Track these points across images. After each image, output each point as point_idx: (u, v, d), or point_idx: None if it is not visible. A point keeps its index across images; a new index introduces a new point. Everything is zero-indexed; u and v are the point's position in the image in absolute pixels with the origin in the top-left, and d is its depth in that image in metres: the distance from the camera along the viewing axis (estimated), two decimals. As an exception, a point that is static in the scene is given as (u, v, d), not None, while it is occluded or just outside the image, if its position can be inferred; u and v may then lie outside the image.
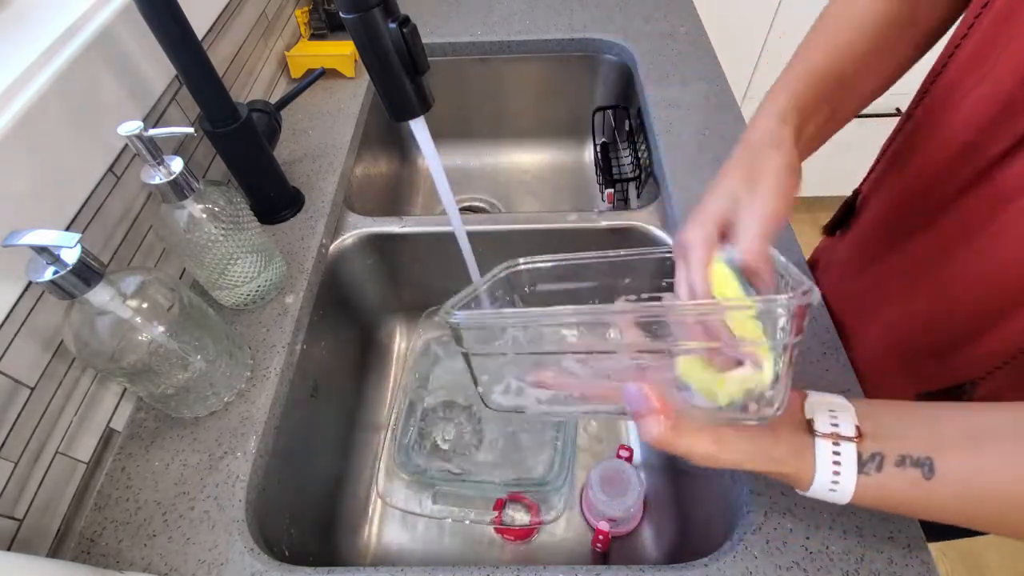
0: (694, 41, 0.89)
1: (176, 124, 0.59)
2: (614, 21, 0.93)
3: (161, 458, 0.49)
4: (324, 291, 0.65)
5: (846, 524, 0.43)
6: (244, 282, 0.56)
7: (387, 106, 0.39)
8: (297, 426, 0.56)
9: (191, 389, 0.48)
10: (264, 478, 0.50)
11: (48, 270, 0.37)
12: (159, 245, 0.58)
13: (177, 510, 0.46)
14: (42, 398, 0.44)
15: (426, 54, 0.37)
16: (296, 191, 0.69)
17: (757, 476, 0.46)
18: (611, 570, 0.43)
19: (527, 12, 0.96)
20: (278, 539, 0.50)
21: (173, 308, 0.45)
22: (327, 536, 0.60)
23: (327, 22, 0.91)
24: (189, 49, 0.52)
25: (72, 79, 0.47)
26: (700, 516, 0.55)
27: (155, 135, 0.45)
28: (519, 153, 1.05)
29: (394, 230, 0.70)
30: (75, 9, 0.50)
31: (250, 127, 0.59)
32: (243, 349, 0.54)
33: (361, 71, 0.88)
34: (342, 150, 0.76)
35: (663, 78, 0.82)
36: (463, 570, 0.43)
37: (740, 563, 0.42)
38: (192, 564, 0.44)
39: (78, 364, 0.47)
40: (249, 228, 0.54)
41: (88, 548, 0.45)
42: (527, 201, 0.99)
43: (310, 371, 0.60)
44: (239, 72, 0.73)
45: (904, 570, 0.41)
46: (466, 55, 0.93)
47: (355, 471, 0.67)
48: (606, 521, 0.58)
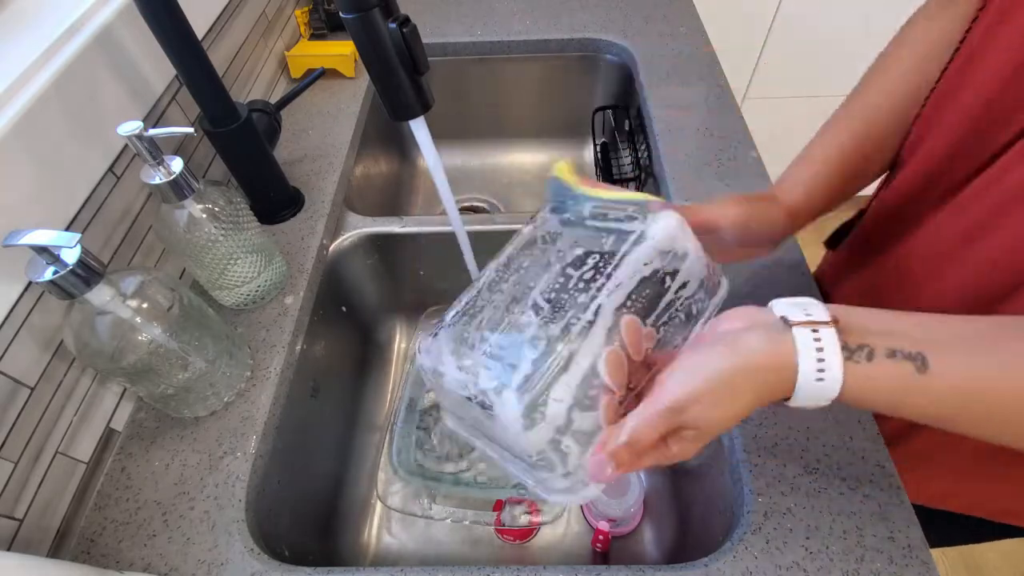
0: (694, 41, 0.89)
1: (176, 124, 0.59)
2: (614, 21, 0.93)
3: (161, 458, 0.49)
4: (324, 291, 0.64)
5: (846, 524, 0.43)
6: (244, 282, 0.56)
7: (387, 106, 0.39)
8: (297, 426, 0.56)
9: (191, 389, 0.48)
10: (264, 478, 0.50)
11: (48, 270, 0.37)
12: (159, 245, 0.58)
13: (177, 510, 0.46)
14: (42, 398, 0.44)
15: (426, 54, 0.37)
16: (296, 191, 0.69)
17: (757, 476, 0.46)
18: (611, 570, 0.43)
19: (527, 12, 0.96)
20: (278, 539, 0.50)
21: (173, 308, 0.45)
22: (327, 536, 0.60)
23: (327, 22, 0.91)
24: (189, 49, 0.52)
25: (72, 79, 0.47)
26: (700, 516, 0.55)
27: (155, 135, 0.45)
28: (519, 153, 1.05)
29: (394, 230, 0.70)
30: (75, 9, 0.50)
31: (250, 127, 0.59)
32: (243, 349, 0.54)
33: (361, 71, 0.88)
34: (342, 150, 0.76)
35: (663, 78, 0.82)
36: (463, 570, 0.43)
37: (740, 563, 0.42)
38: (192, 564, 0.44)
39: (78, 364, 0.47)
40: (249, 228, 0.54)
41: (88, 548, 0.45)
42: (527, 201, 0.99)
43: (310, 371, 0.60)
44: (239, 72, 0.73)
45: (904, 570, 0.41)
46: (466, 55, 0.93)
47: (355, 471, 0.67)
48: (606, 521, 0.58)
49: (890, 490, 0.45)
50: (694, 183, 0.67)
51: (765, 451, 0.47)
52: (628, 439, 0.30)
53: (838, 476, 0.45)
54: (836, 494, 0.45)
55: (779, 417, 0.49)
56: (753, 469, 0.46)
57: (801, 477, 0.46)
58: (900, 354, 0.29)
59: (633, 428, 0.30)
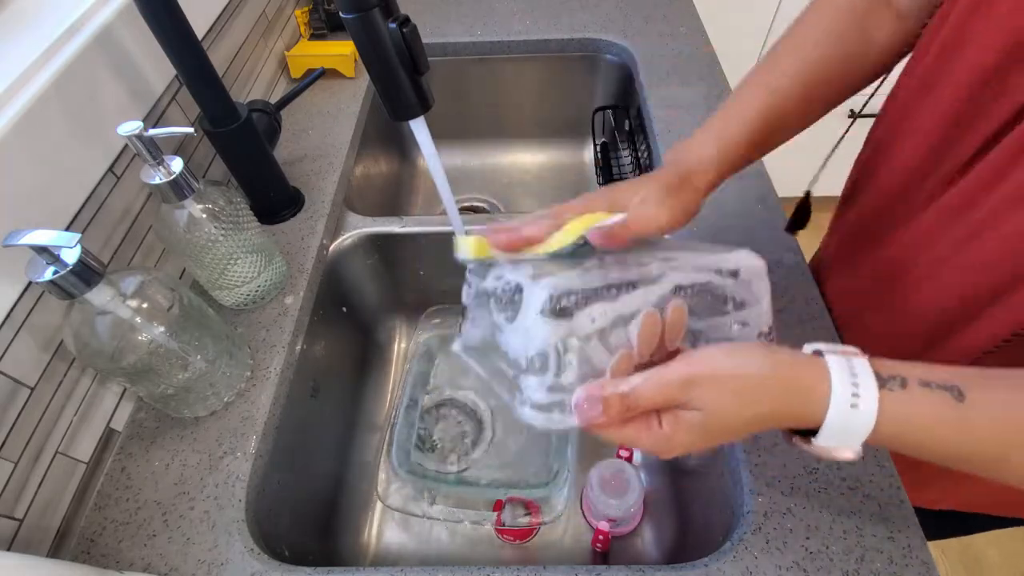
0: (694, 41, 0.89)
1: (176, 124, 0.59)
2: (614, 21, 0.93)
3: (161, 458, 0.49)
4: (324, 291, 0.65)
5: (846, 524, 0.43)
6: (244, 282, 0.56)
7: (387, 106, 0.39)
8: (297, 426, 0.56)
9: (191, 389, 0.48)
10: (264, 478, 0.50)
11: (48, 270, 0.37)
12: (159, 245, 0.58)
13: (177, 510, 0.46)
14: (42, 398, 0.44)
15: (426, 54, 0.37)
16: (296, 191, 0.69)
17: (757, 476, 0.46)
18: (611, 570, 0.43)
19: (527, 12, 0.96)
20: (278, 539, 0.50)
21: (173, 308, 0.45)
22: (327, 536, 0.60)
23: (327, 22, 0.91)
24: (189, 49, 0.52)
25: (72, 79, 0.47)
26: (700, 516, 0.55)
27: (155, 135, 0.45)
28: (519, 153, 1.05)
29: (394, 230, 0.70)
30: (75, 9, 0.50)
31: (250, 127, 0.59)
32: (243, 349, 0.54)
33: (361, 71, 0.88)
34: (342, 150, 0.76)
35: (663, 78, 0.82)
36: (463, 570, 0.43)
37: (740, 563, 0.42)
38: (192, 564, 0.44)
39: (78, 364, 0.47)
40: (249, 228, 0.54)
41: (88, 548, 0.45)
42: (527, 201, 0.99)
43: (310, 371, 0.60)
44: (239, 72, 0.73)
45: (904, 570, 0.41)
46: (466, 55, 0.93)
47: (355, 471, 0.67)
48: (606, 521, 0.58)
49: (890, 490, 0.45)
50: (694, 183, 0.67)
51: (765, 451, 0.47)
52: (630, 391, 0.29)
53: (838, 476, 0.45)
54: (836, 494, 0.45)
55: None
56: (753, 469, 0.46)
57: (801, 477, 0.46)
58: (935, 384, 0.28)
59: (639, 384, 0.29)
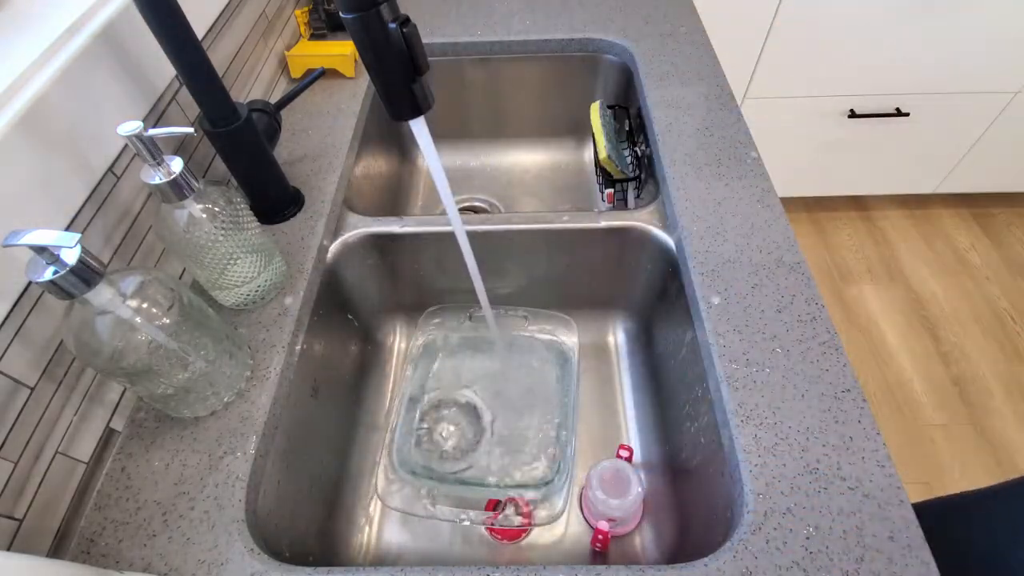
0: (694, 41, 0.89)
1: (176, 124, 0.59)
2: (614, 21, 0.93)
3: (161, 458, 0.49)
4: (324, 291, 0.65)
5: (846, 524, 0.43)
6: (244, 282, 0.56)
7: (387, 106, 0.39)
8: (297, 426, 0.56)
9: (191, 389, 0.48)
10: (264, 478, 0.50)
11: (48, 270, 0.37)
12: (159, 245, 0.58)
13: (177, 510, 0.46)
14: (42, 398, 0.44)
15: (426, 54, 0.37)
16: (296, 191, 0.69)
17: (757, 476, 0.46)
18: (611, 570, 0.43)
19: (527, 12, 0.96)
20: (278, 539, 0.50)
21: (173, 308, 0.45)
22: (327, 536, 0.60)
23: (327, 22, 0.91)
24: (189, 49, 0.52)
25: (72, 79, 0.47)
26: (700, 516, 0.55)
27: (155, 135, 0.45)
28: (519, 153, 1.05)
29: (394, 230, 0.70)
30: (75, 9, 0.50)
31: (250, 127, 0.59)
32: (243, 349, 0.54)
33: (361, 71, 0.88)
34: (342, 150, 0.76)
35: (663, 78, 0.82)
36: (463, 570, 0.43)
37: (740, 563, 0.42)
38: (192, 564, 0.44)
39: (78, 364, 0.47)
40: (249, 228, 0.54)
41: (88, 548, 0.45)
42: (527, 201, 0.99)
43: (310, 371, 0.60)
44: (239, 72, 0.73)
45: (904, 570, 0.41)
46: (466, 55, 0.93)
47: (355, 471, 0.67)
48: (606, 521, 0.58)
49: (890, 490, 0.45)
50: (694, 183, 0.67)
51: (765, 451, 0.47)
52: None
53: (838, 476, 0.45)
54: (836, 494, 0.45)
55: (779, 417, 0.49)
56: (753, 469, 0.46)
57: (801, 477, 0.46)
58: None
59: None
